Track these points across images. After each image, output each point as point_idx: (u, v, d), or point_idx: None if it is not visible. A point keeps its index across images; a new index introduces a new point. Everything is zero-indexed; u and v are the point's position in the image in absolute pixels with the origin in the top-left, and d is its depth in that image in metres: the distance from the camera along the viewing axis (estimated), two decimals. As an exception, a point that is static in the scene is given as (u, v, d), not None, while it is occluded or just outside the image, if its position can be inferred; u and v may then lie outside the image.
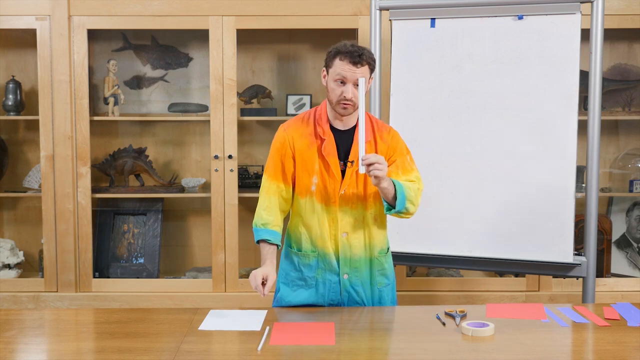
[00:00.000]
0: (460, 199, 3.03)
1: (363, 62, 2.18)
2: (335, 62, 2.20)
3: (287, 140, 2.31)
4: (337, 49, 2.21)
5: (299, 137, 2.30)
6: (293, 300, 2.37)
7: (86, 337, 2.09)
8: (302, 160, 2.29)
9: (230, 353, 1.93)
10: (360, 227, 2.33)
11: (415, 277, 3.77)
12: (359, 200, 2.30)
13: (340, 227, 2.31)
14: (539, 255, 2.94)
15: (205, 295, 3.66)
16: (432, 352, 1.90)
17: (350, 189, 2.29)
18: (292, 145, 2.30)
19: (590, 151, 2.93)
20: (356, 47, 2.19)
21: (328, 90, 2.24)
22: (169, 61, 3.98)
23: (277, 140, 2.34)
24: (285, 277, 2.41)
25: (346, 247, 2.32)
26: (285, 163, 2.31)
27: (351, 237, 2.32)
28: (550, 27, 2.92)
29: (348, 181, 2.28)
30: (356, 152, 2.25)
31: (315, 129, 2.29)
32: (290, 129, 2.32)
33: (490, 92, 3.00)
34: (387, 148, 2.31)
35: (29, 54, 3.88)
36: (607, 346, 1.95)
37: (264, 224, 2.33)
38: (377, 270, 2.38)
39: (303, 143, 2.29)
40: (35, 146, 3.87)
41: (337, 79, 2.19)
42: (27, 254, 3.97)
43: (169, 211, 4.01)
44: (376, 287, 2.38)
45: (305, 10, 3.56)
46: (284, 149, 2.31)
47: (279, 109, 3.88)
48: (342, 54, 2.18)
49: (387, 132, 2.34)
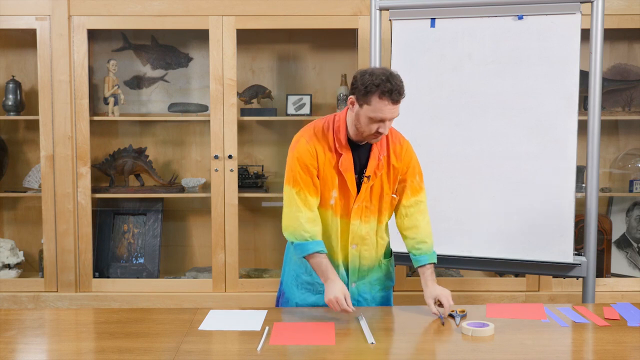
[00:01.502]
0: (461, 199, 3.03)
1: (401, 99, 2.12)
2: (373, 99, 2.09)
3: (312, 153, 2.24)
4: (375, 84, 2.08)
5: (321, 151, 2.25)
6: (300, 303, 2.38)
7: (86, 337, 2.09)
8: (324, 174, 2.26)
9: (230, 353, 1.94)
10: (371, 240, 2.34)
11: (416, 277, 3.76)
12: (372, 214, 2.31)
13: (351, 239, 2.31)
14: (539, 255, 2.94)
15: (205, 295, 3.66)
16: (432, 352, 1.91)
17: (364, 203, 2.28)
18: (316, 159, 2.25)
19: (590, 151, 2.93)
20: (395, 84, 2.09)
21: (360, 122, 2.15)
22: (169, 61, 3.98)
23: (302, 152, 2.24)
24: (295, 279, 2.40)
25: (355, 258, 2.34)
26: (313, 176, 2.25)
27: (361, 248, 2.33)
28: (550, 27, 2.92)
29: (363, 195, 2.27)
30: (372, 167, 2.26)
31: (335, 143, 2.25)
32: (312, 141, 2.25)
33: (490, 92, 3.00)
34: (400, 166, 2.31)
35: (29, 54, 3.87)
36: (607, 346, 1.95)
37: (311, 237, 2.22)
38: (384, 275, 2.42)
39: (325, 158, 2.25)
40: (35, 146, 3.87)
41: (375, 117, 2.11)
42: (27, 254, 3.97)
43: (169, 211, 4.01)
44: (384, 291, 2.43)
45: (305, 10, 3.56)
46: (311, 162, 2.24)
47: (279, 109, 3.87)
48: (382, 93, 2.08)
49: (400, 146, 2.32)
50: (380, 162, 2.26)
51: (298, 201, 2.23)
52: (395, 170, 2.30)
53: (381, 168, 2.27)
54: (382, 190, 2.30)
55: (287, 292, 2.43)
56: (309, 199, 2.24)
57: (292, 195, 2.24)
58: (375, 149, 2.27)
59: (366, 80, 2.10)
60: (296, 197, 2.23)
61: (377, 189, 2.29)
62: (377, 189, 2.29)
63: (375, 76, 2.10)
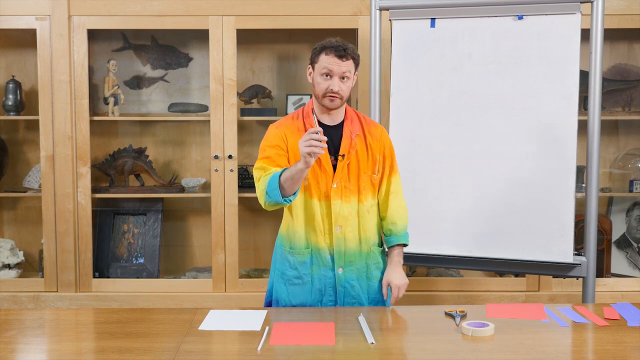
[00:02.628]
0: (460, 199, 3.03)
1: (348, 56, 2.25)
2: (321, 57, 2.27)
3: (280, 135, 2.33)
4: (322, 44, 2.29)
5: (290, 134, 2.33)
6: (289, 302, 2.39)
7: (86, 337, 2.09)
8: (295, 156, 2.30)
9: (230, 353, 1.93)
10: (354, 220, 2.36)
11: (415, 277, 3.76)
12: (352, 194, 2.34)
13: (334, 220, 2.33)
14: (539, 255, 2.94)
15: (205, 295, 3.66)
16: (432, 352, 1.90)
17: (342, 182, 2.32)
18: (285, 141, 2.33)
19: (590, 151, 2.93)
20: (341, 42, 2.27)
21: (314, 85, 2.31)
22: (169, 61, 3.98)
23: (272, 135, 2.34)
24: (281, 276, 2.42)
25: (340, 241, 2.35)
26: (281, 157, 2.30)
27: (345, 230, 2.35)
28: (550, 27, 2.92)
29: (340, 174, 2.32)
30: (346, 146, 2.32)
31: (305, 125, 2.34)
32: (282, 126, 2.36)
33: (490, 92, 3.00)
34: (377, 143, 2.38)
35: (29, 54, 3.88)
36: (607, 346, 1.95)
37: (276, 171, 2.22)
38: (373, 263, 2.41)
39: (294, 139, 2.31)
40: (35, 146, 3.87)
41: (323, 73, 2.26)
42: (27, 254, 3.97)
43: (169, 211, 4.01)
44: (372, 280, 2.40)
45: (305, 10, 3.56)
46: (279, 143, 2.31)
47: (279, 109, 3.88)
48: (327, 49, 2.26)
49: (375, 128, 2.41)
50: (352, 140, 2.33)
51: (266, 167, 2.26)
52: (372, 150, 2.37)
53: (354, 146, 2.33)
54: (359, 169, 2.34)
55: (275, 294, 2.44)
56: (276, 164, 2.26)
57: (260, 166, 2.28)
58: (347, 129, 2.34)
59: (317, 45, 2.31)
60: (264, 164, 2.27)
61: (354, 167, 2.34)
62: (354, 167, 2.34)
63: (325, 40, 2.30)
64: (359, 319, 2.15)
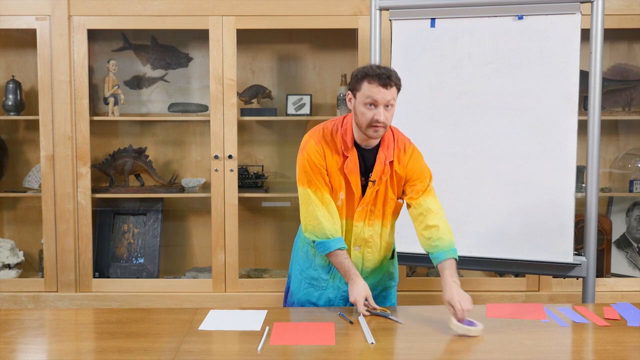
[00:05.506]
0: (460, 199, 3.03)
1: (392, 84, 2.13)
2: (363, 85, 2.14)
3: (321, 154, 2.26)
4: (364, 71, 2.16)
5: (329, 153, 2.26)
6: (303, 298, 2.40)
7: (86, 337, 2.09)
8: (331, 176, 2.27)
9: (230, 353, 1.93)
10: (374, 242, 2.35)
11: (415, 277, 3.77)
12: (376, 218, 2.32)
13: (354, 241, 2.32)
14: (539, 255, 2.94)
15: (205, 295, 3.66)
16: (432, 352, 1.91)
17: (368, 207, 2.29)
18: (324, 159, 2.26)
19: (590, 151, 2.93)
20: (384, 69, 2.14)
21: (357, 114, 2.18)
22: (169, 61, 3.98)
23: (312, 153, 2.26)
24: (300, 273, 2.43)
25: (358, 260, 2.35)
26: (324, 176, 2.26)
27: (364, 250, 2.34)
28: (550, 27, 2.92)
29: (367, 199, 2.28)
30: (378, 171, 2.26)
31: (341, 146, 2.26)
32: (321, 143, 2.27)
33: (490, 92, 3.00)
34: (403, 172, 2.30)
35: (29, 54, 3.88)
36: (607, 346, 1.95)
37: (332, 234, 2.25)
38: (386, 275, 2.43)
39: (332, 159, 2.27)
40: (35, 146, 3.87)
41: (367, 102, 2.14)
42: (27, 254, 3.97)
43: (169, 211, 4.01)
44: (386, 291, 2.45)
45: (305, 10, 3.56)
46: (320, 162, 2.26)
47: (279, 109, 3.88)
48: (370, 77, 2.13)
49: (404, 152, 2.31)
50: (385, 166, 2.26)
51: (315, 200, 2.25)
52: (399, 177, 2.30)
53: (386, 173, 2.27)
54: (387, 195, 2.30)
55: (292, 287, 2.46)
56: (326, 196, 2.25)
57: (308, 195, 2.26)
58: (382, 154, 2.26)
59: (357, 71, 2.19)
60: (313, 195, 2.25)
61: (381, 193, 2.29)
62: (382, 193, 2.29)
63: (366, 66, 2.18)
64: (359, 319, 2.15)
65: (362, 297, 2.20)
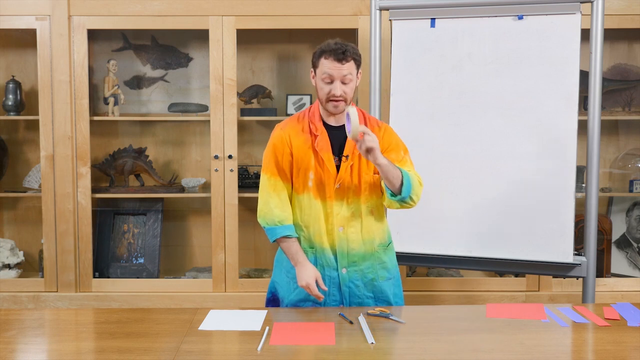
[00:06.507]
0: (460, 199, 3.03)
1: (348, 58, 2.23)
2: (321, 61, 2.25)
3: (284, 138, 2.34)
4: (321, 48, 2.26)
5: (295, 135, 2.33)
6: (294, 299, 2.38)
7: (86, 337, 2.09)
8: (299, 156, 2.32)
9: (230, 353, 1.93)
10: (356, 221, 2.34)
11: (415, 277, 3.77)
12: (354, 194, 2.33)
13: (336, 221, 2.33)
14: (539, 255, 2.94)
15: (205, 295, 3.66)
16: (432, 352, 1.90)
17: (345, 183, 2.32)
18: (289, 143, 2.33)
19: (590, 151, 2.93)
20: (340, 44, 2.24)
21: (317, 90, 2.29)
22: (169, 61, 3.98)
23: (275, 139, 2.36)
24: (286, 275, 2.41)
25: (343, 241, 2.34)
26: (284, 161, 2.33)
27: (348, 231, 2.34)
28: (550, 27, 2.92)
29: (343, 175, 2.31)
30: (350, 147, 2.30)
31: (309, 126, 2.33)
32: (287, 127, 2.36)
33: (490, 92, 3.00)
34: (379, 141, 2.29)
35: (29, 54, 3.88)
36: (607, 346, 1.95)
37: (280, 221, 2.33)
38: (378, 264, 2.39)
39: (299, 140, 2.32)
40: (35, 146, 3.87)
41: (324, 78, 2.24)
42: (27, 254, 3.97)
43: (169, 211, 4.01)
44: (378, 281, 2.38)
45: (305, 10, 3.56)
46: (283, 147, 2.33)
47: (279, 109, 3.88)
48: (326, 53, 2.23)
49: (379, 128, 2.37)
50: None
51: (268, 187, 2.36)
52: None
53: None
54: (361, 170, 2.32)
55: (280, 292, 2.44)
56: (279, 184, 2.34)
57: (264, 182, 2.38)
58: None
59: (317, 48, 2.28)
60: (267, 183, 2.36)
61: (356, 168, 2.32)
62: (356, 168, 2.32)
63: (324, 43, 2.27)
64: (359, 319, 2.15)
65: (313, 279, 2.25)
